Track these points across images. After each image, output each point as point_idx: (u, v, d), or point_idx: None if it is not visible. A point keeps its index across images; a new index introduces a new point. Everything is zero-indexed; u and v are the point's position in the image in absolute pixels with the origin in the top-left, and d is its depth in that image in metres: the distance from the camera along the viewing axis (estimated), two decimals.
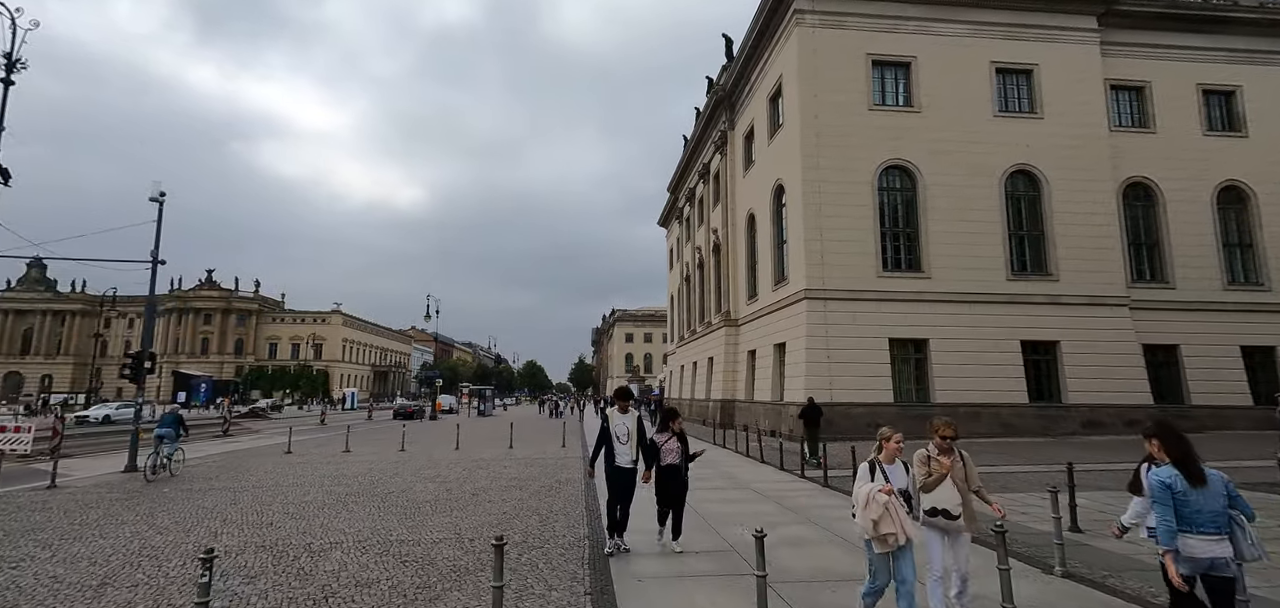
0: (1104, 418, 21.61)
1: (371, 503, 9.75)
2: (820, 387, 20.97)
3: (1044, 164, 23.29)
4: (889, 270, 22.57)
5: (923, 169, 22.93)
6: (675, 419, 6.97)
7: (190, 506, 9.63)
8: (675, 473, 6.68)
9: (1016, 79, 24.08)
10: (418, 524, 8.17)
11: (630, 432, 6.70)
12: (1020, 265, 23.10)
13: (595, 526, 8.01)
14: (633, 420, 6.77)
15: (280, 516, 8.72)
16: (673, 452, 6.74)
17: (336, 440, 21.14)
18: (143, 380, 14.58)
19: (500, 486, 11.49)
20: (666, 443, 6.76)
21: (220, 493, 10.80)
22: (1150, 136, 25.05)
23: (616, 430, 6.67)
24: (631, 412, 6.85)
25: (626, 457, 6.65)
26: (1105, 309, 22.70)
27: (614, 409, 6.88)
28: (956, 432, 4.57)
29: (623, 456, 6.63)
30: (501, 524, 8.12)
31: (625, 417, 6.77)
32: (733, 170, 32.78)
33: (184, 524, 8.25)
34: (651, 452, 6.72)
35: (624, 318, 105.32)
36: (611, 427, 6.70)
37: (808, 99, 22.91)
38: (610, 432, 6.68)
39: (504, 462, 15.28)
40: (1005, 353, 21.99)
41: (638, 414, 6.95)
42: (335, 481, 12.25)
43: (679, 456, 6.76)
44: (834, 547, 6.97)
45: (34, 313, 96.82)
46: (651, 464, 6.69)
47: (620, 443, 6.64)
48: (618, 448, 6.64)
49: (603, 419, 6.80)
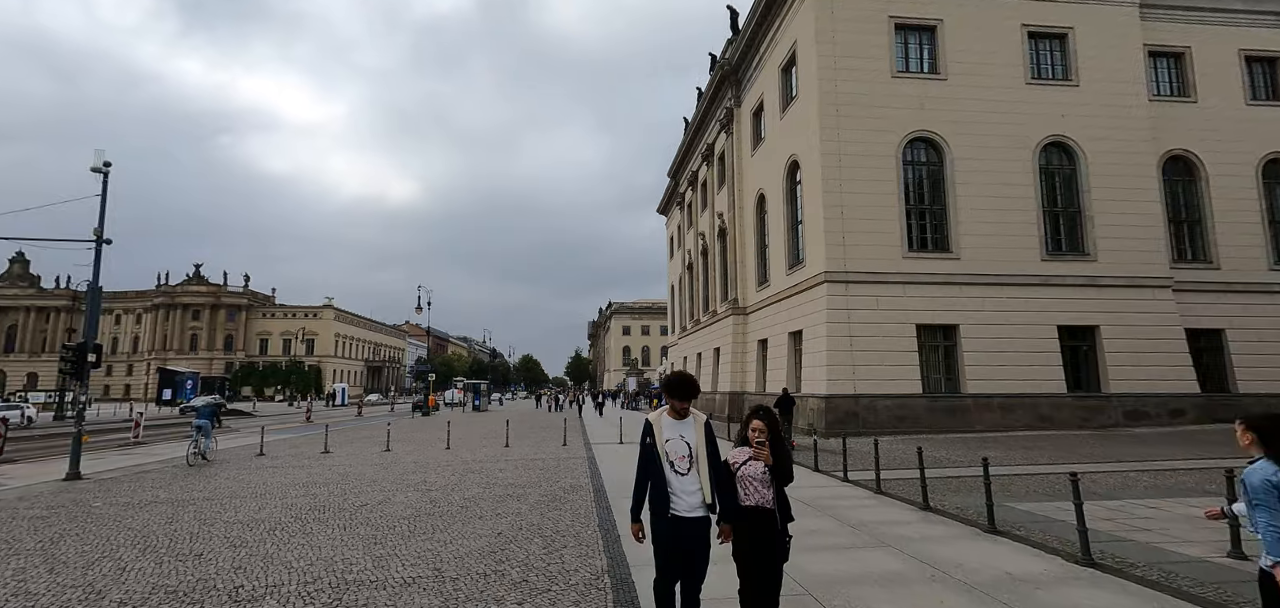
0: (1148, 408, 20.05)
1: (338, 521, 8.02)
2: (842, 378, 19.34)
3: (1080, 135, 21.61)
4: (915, 251, 20.91)
5: (950, 141, 21.22)
6: (761, 418, 3.77)
7: (112, 528, 7.87)
8: (764, 525, 3.59)
9: (1050, 44, 22.36)
10: (388, 552, 6.44)
11: (695, 451, 3.62)
12: (1055, 245, 21.47)
13: (613, 550, 6.30)
14: (699, 432, 3.66)
15: (218, 543, 6.97)
16: (758, 481, 3.62)
17: (317, 440, 19.36)
18: (86, 376, 12.77)
19: (495, 495, 9.77)
20: (746, 465, 3.67)
21: (158, 509, 9.03)
22: (1191, 106, 23.41)
23: (669, 452, 3.60)
24: (695, 418, 3.70)
25: (691, 499, 3.55)
26: (1147, 291, 21.09)
27: (663, 414, 3.73)
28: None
29: (684, 497, 3.55)
30: (495, 552, 6.40)
31: (684, 426, 3.66)
32: (740, 149, 30.99)
33: (88, 556, 6.49)
34: (724, 484, 3.65)
35: (621, 310, 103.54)
36: (661, 446, 3.61)
37: (826, 67, 21.14)
38: (660, 455, 3.61)
39: (499, 464, 13.55)
40: (1041, 339, 20.37)
41: (706, 421, 3.75)
42: (303, 490, 10.51)
43: (767, 485, 3.61)
44: (960, 595, 5.26)
45: (17, 310, 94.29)
46: (730, 511, 3.61)
47: (677, 473, 3.57)
48: (673, 482, 3.56)
49: (645, 435, 3.69)
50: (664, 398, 3.79)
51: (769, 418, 3.75)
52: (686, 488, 3.56)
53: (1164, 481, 10.22)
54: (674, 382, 3.71)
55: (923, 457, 9.01)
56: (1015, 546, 6.33)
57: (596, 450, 16.04)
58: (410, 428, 26.00)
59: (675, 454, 3.59)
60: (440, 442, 18.28)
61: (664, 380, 3.89)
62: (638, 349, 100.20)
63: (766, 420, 3.73)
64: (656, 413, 3.74)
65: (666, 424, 3.66)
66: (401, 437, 20.61)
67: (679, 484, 3.56)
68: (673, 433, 3.63)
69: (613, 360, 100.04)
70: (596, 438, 19.76)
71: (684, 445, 3.60)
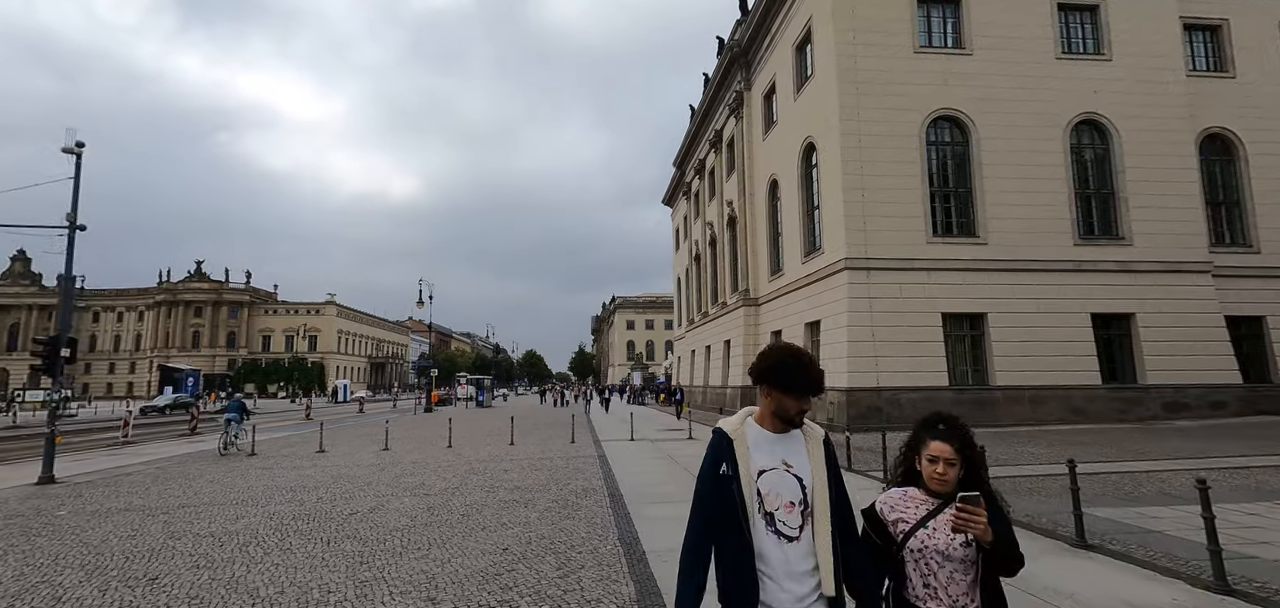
0: (1188, 399, 18.99)
1: (322, 533, 7.07)
2: (865, 370, 18.35)
3: (1113, 112, 20.47)
4: (939, 236, 19.84)
5: (976, 120, 20.12)
6: (944, 436, 2.03)
7: (67, 542, 6.95)
8: None
9: (1080, 16, 21.19)
10: (375, 574, 5.49)
11: (812, 494, 1.91)
12: (1088, 229, 20.37)
13: (640, 572, 5.34)
14: (817, 459, 1.95)
15: (180, 562, 6.03)
16: (953, 565, 1.95)
17: (314, 438, 18.46)
18: (59, 371, 11.86)
19: (499, 500, 8.81)
20: (925, 531, 1.98)
21: (125, 518, 8.11)
22: (1228, 82, 22.25)
23: (767, 494, 1.90)
24: (810, 435, 1.99)
25: (801, 586, 1.85)
26: (1185, 276, 19.98)
27: (747, 422, 2.01)
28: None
29: (788, 582, 1.85)
30: (500, 574, 5.44)
31: (790, 446, 1.96)
32: (750, 134, 29.91)
33: (25, 580, 5.56)
34: (867, 560, 2.00)
35: (625, 305, 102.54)
36: (750, 484, 1.90)
37: (844, 42, 20.05)
38: (745, 500, 1.89)
39: (504, 464, 12.60)
40: (1073, 328, 19.30)
41: (824, 438, 2.00)
42: (290, 495, 9.58)
43: (968, 573, 1.96)
44: None
45: (19, 308, 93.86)
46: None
47: (782, 535, 1.88)
48: (770, 552, 1.87)
49: (718, 457, 1.96)
50: (764, 389, 1.98)
51: (962, 436, 2.03)
52: (795, 564, 1.86)
53: (1245, 480, 9.20)
54: (785, 363, 1.94)
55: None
56: (1118, 565, 5.33)
57: (607, 448, 15.09)
58: (411, 425, 25.11)
59: (777, 498, 1.89)
60: (442, 440, 17.35)
61: (768, 363, 1.97)
62: (642, 344, 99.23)
63: (960, 442, 2.01)
64: (737, 421, 2.02)
65: (758, 441, 1.96)
66: (401, 434, 19.71)
67: (781, 557, 1.86)
68: (772, 459, 1.92)
69: (617, 355, 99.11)
70: (606, 435, 18.82)
71: (793, 485, 1.91)
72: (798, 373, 1.93)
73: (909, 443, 2.16)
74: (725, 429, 2.03)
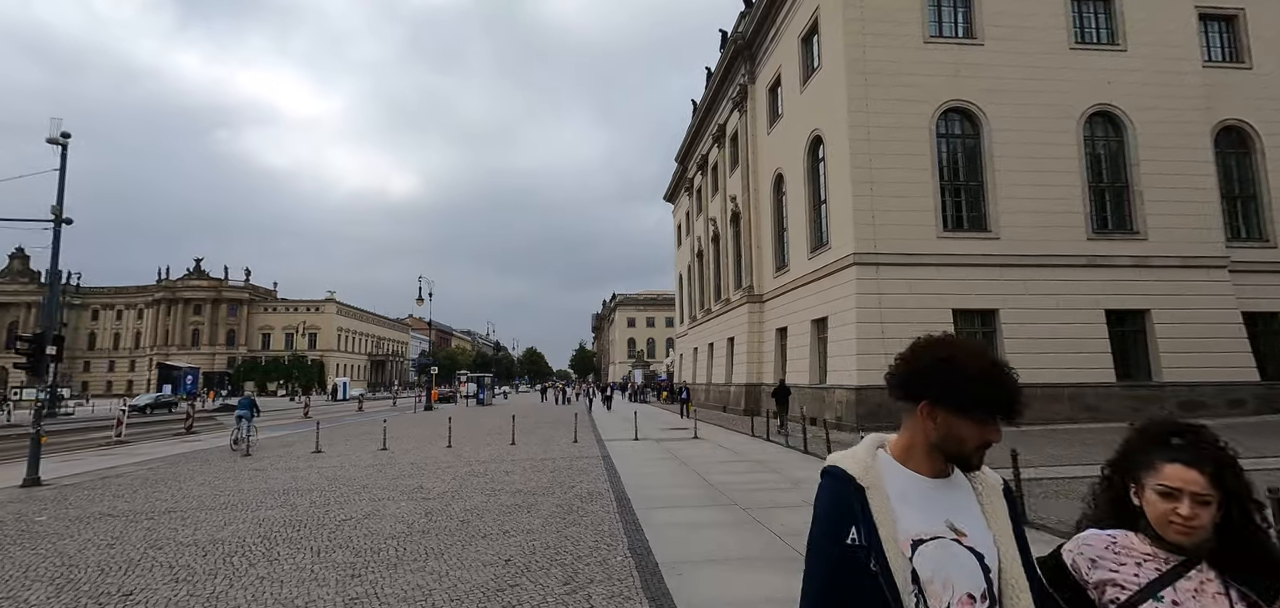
0: (1204, 398, 18.54)
1: (313, 542, 6.66)
2: (873, 367, 17.86)
3: (1127, 104, 20.01)
4: (950, 230, 19.41)
5: (987, 112, 19.67)
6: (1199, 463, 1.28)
7: (41, 551, 6.54)
8: None
9: (1094, 5, 20.72)
10: (367, 589, 5.08)
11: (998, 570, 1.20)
12: (1101, 223, 19.93)
13: (655, 588, 4.92)
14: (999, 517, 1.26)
15: (158, 575, 5.62)
16: None
17: (311, 438, 18.06)
18: (43, 369, 11.45)
19: (501, 505, 8.40)
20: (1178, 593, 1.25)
21: (107, 524, 7.70)
22: (1245, 74, 21.78)
23: (928, 577, 1.15)
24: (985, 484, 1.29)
25: None
26: (1201, 271, 19.54)
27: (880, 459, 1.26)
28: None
29: None
30: (502, 589, 5.02)
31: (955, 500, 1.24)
32: (754, 128, 29.45)
33: None
34: None
35: (625, 302, 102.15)
36: (898, 558, 1.14)
37: (852, 32, 19.58)
38: (893, 593, 1.12)
39: (505, 465, 12.19)
40: (1087, 325, 18.88)
41: (1004, 488, 1.30)
42: (282, 499, 9.17)
43: None
44: None
45: (18, 306, 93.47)
46: None
47: None
48: None
49: (840, 517, 1.18)
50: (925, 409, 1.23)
51: (1217, 457, 1.30)
52: None
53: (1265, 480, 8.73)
54: (963, 367, 1.20)
55: (1015, 458, 7.59)
56: None
57: (611, 449, 14.68)
58: (410, 424, 24.71)
59: (947, 589, 1.15)
60: (441, 439, 16.94)
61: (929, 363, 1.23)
62: (643, 341, 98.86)
63: (1215, 465, 1.28)
64: (864, 455, 1.26)
65: (906, 492, 1.22)
66: (400, 433, 19.30)
67: None
68: (931, 522, 1.20)
69: (618, 352, 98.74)
70: (609, 434, 18.42)
71: (970, 566, 1.18)
72: (985, 382, 1.19)
73: (1118, 461, 1.44)
74: (848, 469, 1.23)
